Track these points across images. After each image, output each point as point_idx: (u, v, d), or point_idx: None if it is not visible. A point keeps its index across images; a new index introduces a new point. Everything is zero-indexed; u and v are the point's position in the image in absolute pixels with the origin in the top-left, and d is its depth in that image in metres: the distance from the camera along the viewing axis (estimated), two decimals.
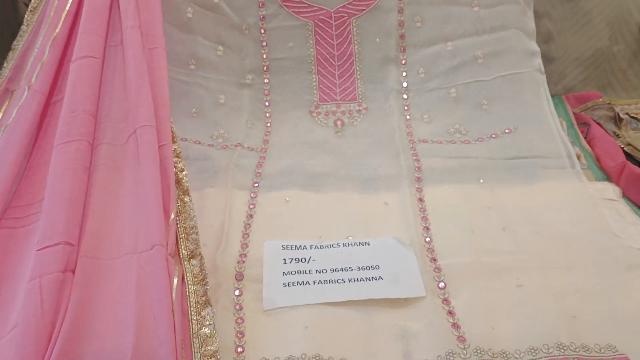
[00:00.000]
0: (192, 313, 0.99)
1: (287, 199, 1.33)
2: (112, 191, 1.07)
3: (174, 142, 1.17)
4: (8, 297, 0.93)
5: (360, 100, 1.63)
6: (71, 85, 1.14)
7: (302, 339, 0.96)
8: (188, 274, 1.03)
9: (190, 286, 1.02)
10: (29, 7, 1.35)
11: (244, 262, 1.15)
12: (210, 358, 0.93)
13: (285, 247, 1.17)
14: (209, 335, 0.96)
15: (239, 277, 1.12)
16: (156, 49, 1.26)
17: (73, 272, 0.94)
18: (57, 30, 1.24)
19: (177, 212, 1.06)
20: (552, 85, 1.72)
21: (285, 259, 1.14)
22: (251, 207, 1.31)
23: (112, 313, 0.92)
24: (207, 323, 0.98)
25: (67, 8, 1.26)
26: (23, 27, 1.33)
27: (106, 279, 0.96)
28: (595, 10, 1.74)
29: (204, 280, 1.03)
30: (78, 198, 1.02)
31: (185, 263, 1.04)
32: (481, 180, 1.35)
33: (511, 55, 1.56)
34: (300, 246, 1.17)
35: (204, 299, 1.01)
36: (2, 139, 1.13)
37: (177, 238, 1.04)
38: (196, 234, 1.08)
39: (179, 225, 1.06)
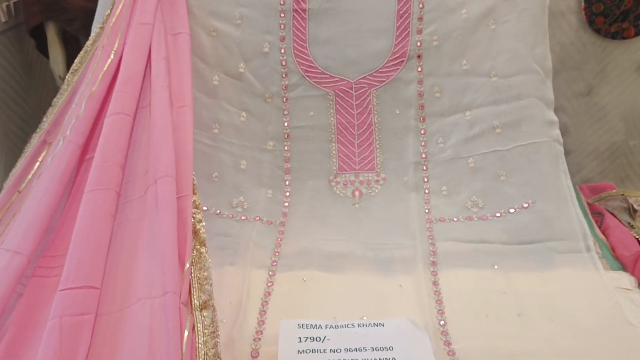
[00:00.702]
0: None
1: (304, 279, 1.36)
2: (130, 242, 1.09)
3: (194, 193, 1.19)
4: (37, 344, 0.93)
5: (379, 170, 1.65)
6: (104, 137, 1.20)
7: None
8: (199, 325, 1.02)
9: (200, 337, 1.01)
10: (71, 69, 1.46)
11: (259, 339, 1.17)
12: None
13: (301, 325, 1.19)
14: None
15: (255, 354, 1.14)
16: (183, 108, 1.33)
17: (95, 315, 0.96)
18: (94, 88, 1.31)
19: (192, 262, 1.07)
20: (570, 176, 1.75)
21: (300, 337, 1.16)
22: (269, 285, 1.35)
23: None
24: None
25: (104, 69, 1.35)
26: (63, 87, 1.43)
27: (123, 328, 0.96)
28: (609, 106, 1.79)
29: (214, 333, 1.02)
30: (103, 244, 1.05)
31: (197, 313, 1.03)
32: (496, 267, 1.37)
33: (530, 125, 1.55)
34: (316, 325, 1.19)
35: (213, 351, 1.01)
36: (37, 186, 1.17)
37: (190, 288, 1.05)
38: (210, 285, 1.08)
39: (192, 275, 1.07)
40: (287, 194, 1.65)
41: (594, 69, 1.77)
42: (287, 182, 1.66)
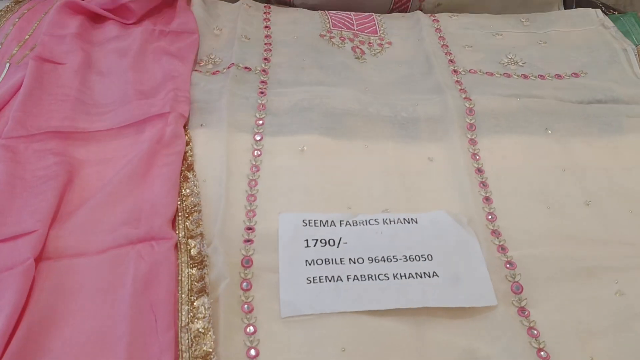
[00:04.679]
0: (183, 302, 0.78)
1: (303, 147, 1.02)
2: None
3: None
4: None
5: (382, 35, 1.34)
6: None
7: None
8: (183, 255, 0.83)
9: (184, 270, 0.81)
10: None
11: (251, 241, 0.87)
12: None
13: (307, 222, 0.88)
14: (202, 331, 0.74)
15: (246, 262, 0.84)
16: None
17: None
18: None
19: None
20: None
21: (307, 241, 0.86)
22: (256, 154, 1.01)
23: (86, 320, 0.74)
24: (201, 315, 0.76)
25: None
26: None
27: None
28: None
29: (202, 264, 0.83)
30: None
31: (182, 244, 0.85)
32: (549, 131, 1.06)
33: None
34: (327, 222, 0.89)
35: (199, 285, 0.80)
36: None
37: (175, 217, 0.89)
38: (199, 212, 0.90)
39: (179, 204, 0.90)
40: (269, 36, 1.30)
41: None
42: (266, 27, 1.34)
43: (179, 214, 0.89)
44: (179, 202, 0.91)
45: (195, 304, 0.77)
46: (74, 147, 0.98)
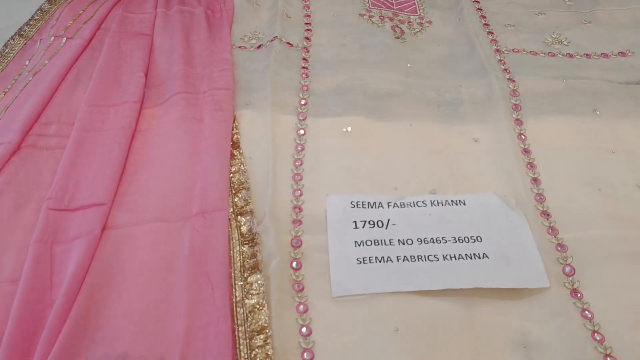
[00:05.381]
0: (236, 278, 0.80)
1: (347, 128, 1.02)
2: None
3: None
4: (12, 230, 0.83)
5: (422, 14, 1.33)
6: None
7: (393, 348, 0.71)
8: (234, 232, 0.85)
9: (235, 247, 0.83)
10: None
11: (300, 221, 0.88)
12: (259, 334, 0.73)
13: (355, 204, 0.89)
14: (257, 306, 0.76)
15: (296, 243, 0.85)
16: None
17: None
18: None
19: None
20: None
21: (356, 222, 0.86)
22: (300, 133, 1.01)
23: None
24: (255, 292, 0.78)
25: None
26: None
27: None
28: None
29: (253, 241, 0.84)
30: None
31: (232, 221, 0.86)
32: (598, 112, 1.04)
33: None
34: (375, 203, 0.89)
35: (251, 262, 0.81)
36: (33, 81, 1.08)
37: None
38: (247, 190, 0.91)
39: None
40: (308, 15, 1.30)
41: None
42: (305, 13, 1.33)
43: (230, 191, 0.91)
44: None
45: (248, 280, 0.79)
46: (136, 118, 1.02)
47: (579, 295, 0.78)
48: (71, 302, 0.72)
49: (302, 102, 1.08)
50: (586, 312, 0.76)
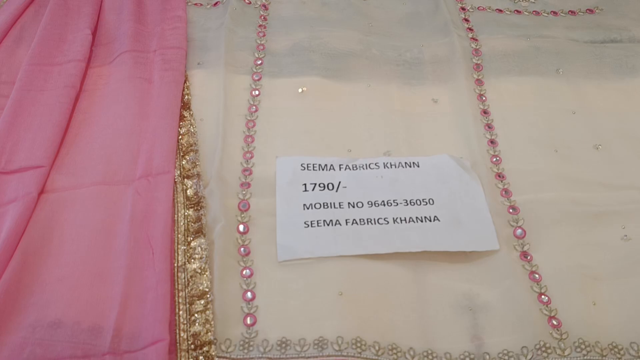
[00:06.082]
0: (179, 242, 0.77)
1: (302, 89, 0.99)
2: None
3: None
4: None
5: None
6: None
7: (336, 312, 0.70)
8: (179, 195, 0.83)
9: (180, 210, 0.81)
10: None
11: (249, 184, 0.85)
12: (199, 299, 0.71)
13: (306, 166, 0.86)
14: (198, 271, 0.74)
15: (243, 206, 0.82)
16: None
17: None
18: None
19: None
20: None
21: (305, 185, 0.84)
22: (255, 94, 0.98)
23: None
24: (198, 256, 0.76)
25: None
26: None
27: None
28: None
29: (198, 205, 0.82)
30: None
31: (178, 184, 0.84)
32: (561, 72, 1.01)
33: None
34: (326, 166, 0.86)
35: (196, 226, 0.79)
36: None
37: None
38: (195, 152, 0.88)
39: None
40: None
41: None
42: None
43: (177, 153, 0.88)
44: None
45: (192, 244, 0.77)
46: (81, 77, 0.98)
47: (528, 257, 0.76)
48: (2, 267, 0.69)
49: (258, 62, 1.04)
50: (535, 274, 0.75)
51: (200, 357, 0.66)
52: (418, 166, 0.86)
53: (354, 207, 0.81)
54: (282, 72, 1.02)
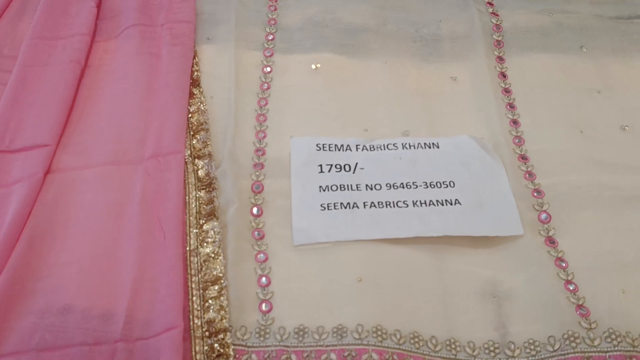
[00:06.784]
0: (191, 225, 0.75)
1: (315, 65, 0.95)
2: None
3: None
4: None
5: None
6: None
7: (355, 299, 0.67)
8: (190, 176, 0.80)
9: (192, 192, 0.78)
10: None
11: (262, 165, 0.82)
12: (213, 285, 0.69)
13: (321, 147, 0.83)
14: (212, 255, 0.71)
15: (257, 188, 0.79)
16: None
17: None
18: None
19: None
20: None
21: (321, 166, 0.81)
22: (267, 71, 0.94)
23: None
24: (211, 240, 0.73)
25: None
26: None
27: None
28: None
29: (210, 186, 0.79)
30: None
31: (189, 164, 0.81)
32: (585, 49, 0.97)
33: None
34: (342, 146, 0.83)
35: (208, 208, 0.76)
36: None
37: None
38: (206, 131, 0.85)
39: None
40: None
41: None
42: None
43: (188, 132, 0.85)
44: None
45: (204, 227, 0.74)
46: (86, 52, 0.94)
47: (553, 243, 0.74)
48: (9, 250, 0.67)
49: (270, 37, 1.00)
50: (561, 260, 0.72)
51: (216, 345, 0.64)
52: (438, 147, 0.83)
53: (371, 189, 0.78)
54: (295, 48, 0.98)
